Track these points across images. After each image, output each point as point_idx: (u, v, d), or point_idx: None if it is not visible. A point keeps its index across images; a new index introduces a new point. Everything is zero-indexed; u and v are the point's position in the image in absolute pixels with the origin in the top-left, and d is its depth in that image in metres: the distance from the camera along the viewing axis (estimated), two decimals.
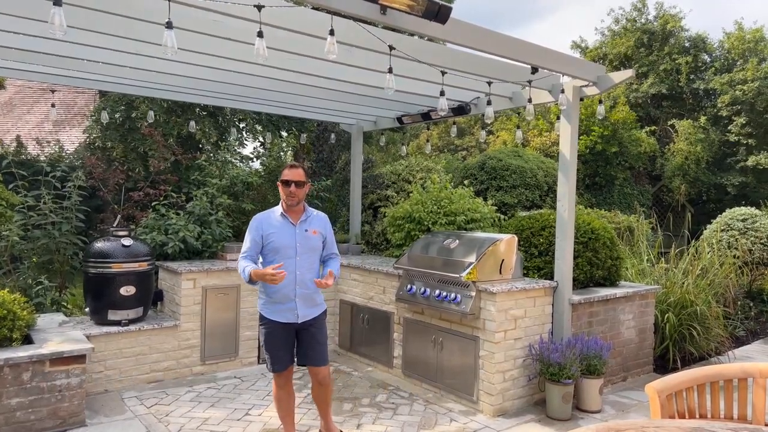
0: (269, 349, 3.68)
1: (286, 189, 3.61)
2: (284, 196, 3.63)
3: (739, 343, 7.04)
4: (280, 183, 3.63)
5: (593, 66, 4.93)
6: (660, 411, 2.55)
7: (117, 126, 9.17)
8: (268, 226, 3.62)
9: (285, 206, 3.67)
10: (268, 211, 3.73)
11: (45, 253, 6.03)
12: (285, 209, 3.67)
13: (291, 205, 3.65)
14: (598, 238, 5.48)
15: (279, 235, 3.60)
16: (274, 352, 3.67)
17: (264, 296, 3.67)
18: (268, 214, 3.70)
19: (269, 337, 3.66)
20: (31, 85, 15.66)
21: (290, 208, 3.66)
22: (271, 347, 3.67)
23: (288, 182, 3.59)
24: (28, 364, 3.98)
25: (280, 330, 3.65)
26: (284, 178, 3.62)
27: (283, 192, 3.63)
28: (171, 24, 3.02)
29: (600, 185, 17.61)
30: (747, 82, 18.31)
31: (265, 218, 3.66)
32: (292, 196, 3.61)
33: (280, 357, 3.69)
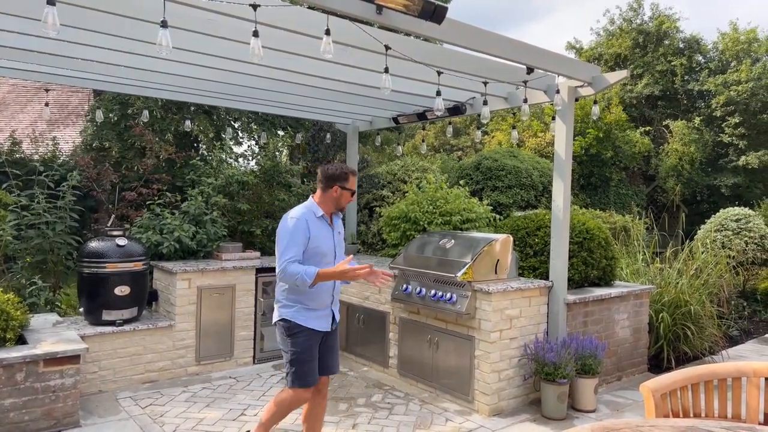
0: (306, 360, 3.31)
1: (348, 196, 3.43)
2: (342, 203, 3.42)
3: (733, 342, 7.08)
4: (346, 190, 3.39)
5: (588, 66, 4.95)
6: (654, 410, 2.56)
7: (113, 125, 9.13)
8: (313, 227, 3.31)
9: (330, 209, 3.42)
10: (306, 210, 3.33)
11: (39, 253, 5.99)
12: (328, 212, 3.42)
13: (339, 210, 3.49)
14: (593, 238, 5.49)
15: (323, 238, 3.35)
16: (310, 363, 3.33)
17: (296, 303, 3.33)
18: (308, 214, 3.32)
19: (307, 347, 3.31)
20: (24, 83, 15.57)
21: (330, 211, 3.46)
22: (309, 358, 3.33)
23: (353, 192, 3.46)
24: (21, 365, 3.95)
25: (316, 339, 3.37)
26: (352, 187, 3.43)
27: (344, 198, 3.41)
28: (166, 23, 3.01)
29: (595, 185, 17.67)
30: (741, 82, 18.41)
31: (309, 218, 3.30)
32: (348, 204, 3.49)
33: (314, 368, 3.37)
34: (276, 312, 3.44)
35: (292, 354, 3.33)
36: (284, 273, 3.20)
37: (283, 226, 3.31)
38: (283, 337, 3.38)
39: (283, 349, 3.39)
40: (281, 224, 3.34)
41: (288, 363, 3.35)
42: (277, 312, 3.43)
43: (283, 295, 3.39)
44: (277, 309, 3.43)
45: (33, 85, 15.47)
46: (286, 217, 3.35)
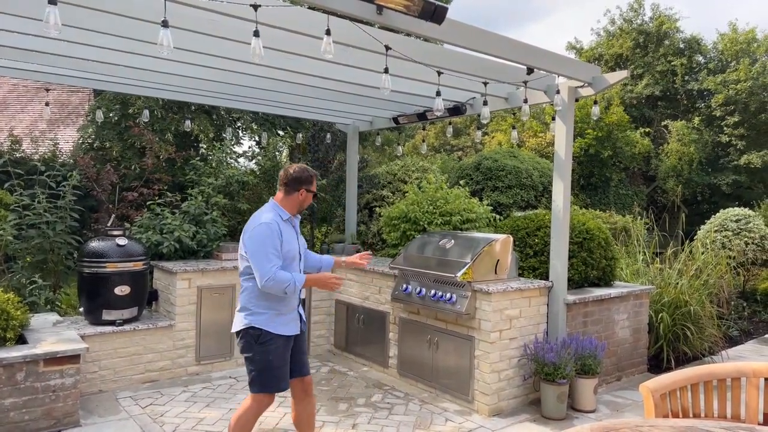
0: (278, 366, 3.26)
1: (310, 199, 3.41)
2: (305, 205, 3.40)
3: (733, 342, 7.08)
4: (309, 192, 3.38)
5: (588, 67, 4.95)
6: (654, 410, 2.57)
7: (113, 125, 9.13)
8: (284, 231, 3.25)
9: (294, 211, 3.38)
10: (274, 214, 3.27)
11: (39, 253, 6.00)
12: (291, 214, 3.37)
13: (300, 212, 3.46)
14: (593, 239, 5.50)
15: (292, 241, 3.32)
16: (282, 368, 3.30)
17: (269, 310, 3.26)
18: (276, 218, 3.26)
19: (278, 355, 3.26)
20: (25, 83, 15.58)
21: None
22: (281, 363, 3.28)
23: (315, 194, 3.44)
24: (21, 364, 3.96)
25: (286, 344, 3.33)
26: (315, 189, 3.41)
27: (307, 201, 3.39)
28: (167, 23, 3.01)
29: (595, 186, 17.67)
30: (740, 82, 18.41)
31: (278, 222, 3.25)
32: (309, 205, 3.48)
33: (286, 373, 3.34)
34: (241, 320, 3.30)
35: (263, 362, 3.24)
36: (273, 281, 3.12)
37: (259, 232, 3.18)
38: (251, 345, 3.25)
39: (250, 356, 3.26)
40: (255, 230, 3.20)
41: (256, 371, 3.25)
42: (243, 320, 3.28)
43: (252, 302, 3.27)
44: (243, 317, 3.29)
45: (33, 85, 15.47)
46: (258, 222, 3.22)
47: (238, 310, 3.35)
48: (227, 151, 7.74)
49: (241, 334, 3.31)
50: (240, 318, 3.32)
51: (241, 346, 3.32)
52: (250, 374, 3.29)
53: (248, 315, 3.27)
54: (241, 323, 3.29)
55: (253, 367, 3.26)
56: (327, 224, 8.64)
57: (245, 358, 3.31)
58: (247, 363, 3.30)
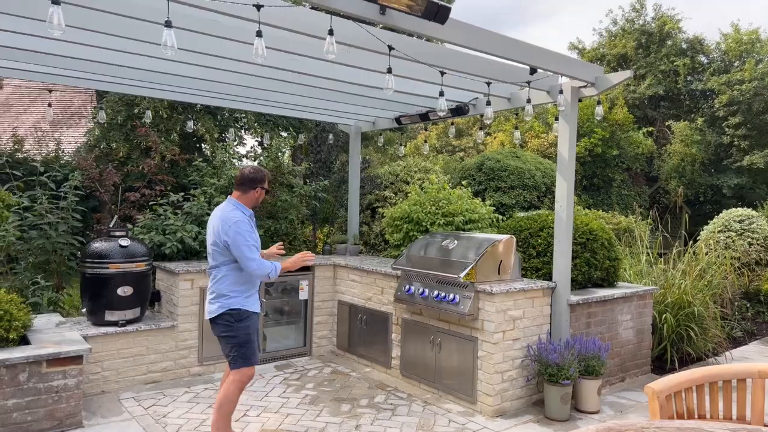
0: (253, 340, 3.71)
1: (264, 195, 3.87)
2: (258, 201, 3.85)
3: (737, 343, 7.05)
4: (265, 189, 3.83)
5: (591, 67, 4.93)
6: (659, 412, 2.55)
7: (119, 126, 9.14)
8: (252, 225, 3.76)
9: (253, 206, 3.83)
10: (239, 212, 3.70)
11: (42, 254, 6.00)
12: (251, 208, 3.81)
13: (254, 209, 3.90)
14: (596, 239, 5.48)
15: (257, 236, 3.78)
16: (255, 343, 3.74)
17: (243, 293, 3.70)
18: (243, 213, 3.71)
19: (254, 329, 3.73)
20: (28, 84, 15.61)
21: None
22: (254, 338, 3.73)
23: (268, 191, 3.93)
24: (24, 365, 3.96)
25: (256, 320, 3.78)
26: (268, 187, 3.90)
27: (261, 197, 3.84)
28: (170, 23, 3.01)
29: (598, 186, 17.65)
30: (744, 82, 18.36)
31: (248, 217, 3.72)
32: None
33: (257, 347, 3.78)
34: (217, 305, 3.66)
35: (242, 337, 3.65)
36: (261, 268, 3.60)
37: (237, 229, 3.58)
38: (231, 325, 3.64)
39: (229, 335, 3.64)
40: (233, 226, 3.58)
41: (237, 346, 3.64)
42: (219, 305, 3.65)
43: (230, 288, 3.66)
44: (221, 302, 3.65)
45: (36, 87, 15.51)
46: (233, 218, 3.61)
47: (213, 298, 3.69)
48: (230, 152, 7.74)
49: (219, 317, 3.67)
50: (216, 304, 3.67)
51: (221, 329, 3.67)
52: (231, 353, 3.66)
53: (226, 299, 3.65)
54: (219, 308, 3.66)
55: (235, 343, 3.65)
56: (329, 225, 8.64)
57: (224, 339, 3.67)
58: (227, 342, 3.67)
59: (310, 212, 7.85)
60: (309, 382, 5.35)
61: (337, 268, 6.37)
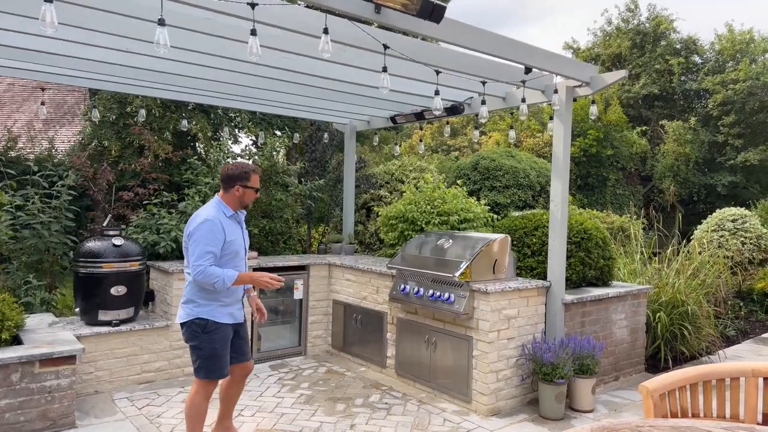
0: (221, 355, 3.48)
1: (252, 194, 3.58)
2: (246, 200, 3.57)
3: (730, 342, 7.09)
4: (249, 188, 3.54)
5: (586, 66, 4.94)
6: (653, 410, 2.56)
7: (111, 124, 9.09)
8: (227, 227, 3.45)
9: (236, 207, 3.57)
10: (215, 212, 3.45)
11: (34, 253, 5.96)
12: (234, 210, 3.56)
13: (245, 208, 3.65)
14: (591, 238, 5.49)
15: (236, 237, 3.52)
16: (225, 356, 3.52)
17: (213, 302, 3.46)
18: (220, 214, 3.46)
19: (222, 343, 3.48)
20: (21, 82, 15.51)
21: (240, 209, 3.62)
22: (223, 352, 3.50)
23: (257, 189, 3.61)
24: (17, 365, 3.93)
25: (229, 332, 3.55)
26: (255, 185, 3.58)
27: (247, 196, 3.55)
28: (163, 21, 2.99)
29: (592, 186, 17.70)
30: (739, 82, 18.44)
31: (222, 218, 3.44)
32: (253, 201, 3.67)
33: (228, 360, 3.56)
34: (185, 311, 3.48)
35: (206, 350, 3.45)
36: (204, 275, 3.31)
37: (198, 228, 3.37)
38: (198, 335, 3.45)
39: (196, 345, 3.47)
40: (196, 225, 3.38)
41: (202, 359, 3.46)
42: (187, 311, 3.47)
43: (196, 294, 3.45)
44: (189, 308, 3.46)
45: (29, 85, 15.41)
46: (199, 217, 3.41)
47: (183, 302, 3.51)
48: (224, 151, 7.71)
49: (186, 324, 3.49)
50: (186, 309, 3.49)
51: (187, 336, 3.51)
52: (195, 362, 3.49)
53: (195, 307, 3.46)
54: (187, 315, 3.47)
55: (199, 354, 3.47)
56: (324, 224, 8.62)
57: (191, 347, 3.51)
58: (193, 351, 3.50)
59: (305, 211, 7.83)
60: (304, 382, 5.35)
61: (332, 268, 6.36)
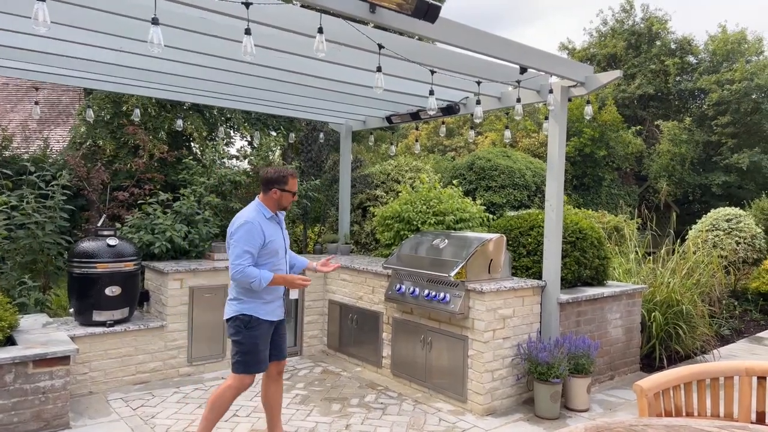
0: (262, 349, 3.62)
1: (289, 197, 3.69)
2: (284, 203, 3.69)
3: (724, 341, 7.12)
4: (286, 192, 3.65)
5: (581, 66, 4.95)
6: (647, 409, 2.56)
7: (105, 123, 9.05)
8: (266, 228, 3.58)
9: (274, 209, 3.69)
10: (255, 213, 3.59)
11: (28, 253, 5.93)
12: (273, 212, 3.69)
13: (284, 210, 3.77)
14: (586, 238, 5.50)
15: (275, 237, 3.65)
16: (264, 351, 3.66)
17: (256, 299, 3.59)
18: (259, 216, 3.59)
19: (263, 338, 3.63)
20: (15, 82, 15.43)
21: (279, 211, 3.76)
22: (264, 347, 3.64)
23: (294, 193, 3.72)
24: (10, 366, 3.91)
25: (269, 329, 3.69)
26: (292, 189, 3.69)
27: (284, 199, 3.67)
28: (157, 20, 2.98)
29: (588, 186, 17.75)
30: (735, 82, 18.51)
31: (260, 220, 3.57)
32: (291, 204, 3.79)
33: (267, 356, 3.70)
34: (231, 307, 3.63)
35: (249, 345, 3.59)
36: (241, 275, 3.46)
37: (238, 229, 3.51)
38: (240, 330, 3.59)
39: (238, 340, 3.59)
40: (237, 227, 3.52)
41: (242, 353, 3.59)
42: (232, 308, 3.62)
43: (241, 292, 3.60)
44: (235, 305, 3.61)
45: (24, 84, 15.34)
46: (240, 219, 3.55)
47: (229, 299, 3.66)
48: (220, 150, 7.69)
49: (231, 320, 3.63)
50: (231, 306, 3.64)
51: (231, 331, 3.64)
52: (235, 356, 3.61)
53: (239, 303, 3.60)
54: (232, 311, 3.62)
55: (240, 349, 3.60)
56: (320, 224, 8.61)
57: (233, 342, 3.63)
58: (234, 346, 3.62)
59: (300, 211, 7.82)
60: (299, 382, 5.34)
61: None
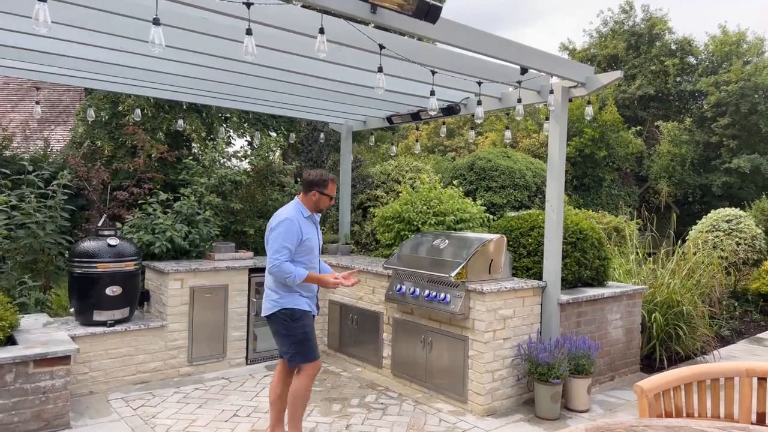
0: (311, 338, 3.77)
1: (327, 201, 3.85)
2: (321, 205, 3.85)
3: (725, 342, 7.11)
4: (324, 195, 3.80)
5: (582, 67, 4.95)
6: (648, 410, 2.56)
7: (104, 124, 9.06)
8: (304, 226, 3.74)
9: (312, 210, 3.84)
10: (294, 211, 3.74)
11: (29, 253, 5.94)
12: (311, 211, 3.84)
13: (319, 212, 3.92)
14: (586, 239, 5.50)
15: (311, 235, 3.80)
16: (314, 339, 3.81)
17: (293, 292, 3.73)
18: (298, 215, 3.74)
19: (311, 327, 3.80)
20: (16, 81, 15.44)
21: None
22: (313, 335, 3.80)
23: (332, 197, 3.87)
24: (11, 366, 3.91)
25: (312, 320, 3.86)
26: (331, 193, 3.84)
27: (322, 202, 3.83)
28: (158, 20, 2.98)
29: (588, 186, 17.75)
30: (731, 83, 18.50)
31: (298, 219, 3.72)
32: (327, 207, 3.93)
33: (316, 343, 3.85)
34: (271, 303, 3.72)
35: (299, 335, 3.71)
36: (278, 269, 3.60)
37: (279, 225, 3.66)
38: (288, 324, 3.70)
39: (287, 334, 3.70)
40: (277, 223, 3.67)
41: (296, 344, 3.70)
42: (273, 303, 3.71)
43: (279, 287, 3.72)
44: (274, 300, 3.71)
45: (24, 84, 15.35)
46: (282, 215, 3.70)
47: (266, 295, 3.78)
48: (219, 150, 7.69)
49: (272, 316, 3.74)
50: (270, 303, 3.74)
51: (276, 327, 3.75)
52: (289, 352, 3.72)
53: (279, 299, 3.71)
54: (273, 307, 3.72)
55: (292, 341, 3.71)
56: (321, 224, 8.62)
57: (281, 337, 3.74)
58: (284, 341, 3.73)
59: None
60: None
61: None
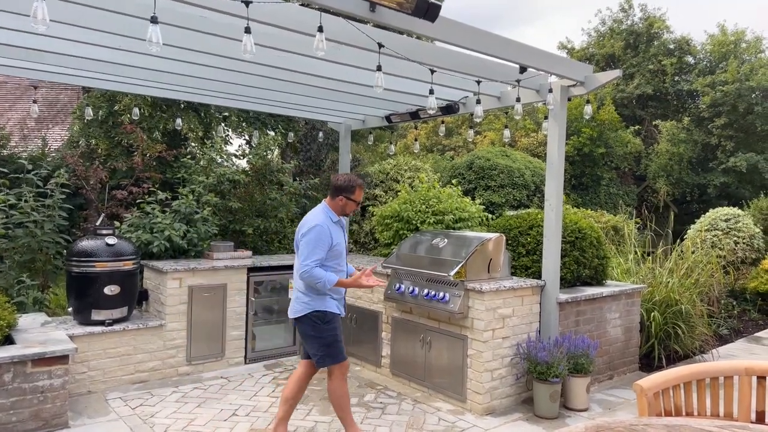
0: (340, 339, 3.83)
1: (353, 206, 3.89)
2: (347, 210, 3.88)
3: (723, 341, 7.13)
4: (351, 201, 3.84)
5: (581, 66, 4.95)
6: (647, 409, 2.56)
7: (100, 122, 9.03)
8: (333, 231, 3.78)
9: (340, 214, 3.89)
10: (324, 217, 3.78)
11: (27, 252, 5.92)
12: (339, 216, 3.89)
13: (345, 216, 3.96)
14: (585, 238, 5.51)
15: (340, 240, 3.85)
16: (342, 340, 3.87)
17: (323, 295, 3.78)
18: (327, 221, 3.77)
19: (339, 329, 3.86)
20: (13, 80, 15.40)
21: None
22: (341, 337, 3.85)
23: (358, 203, 3.92)
24: (9, 365, 3.90)
25: (340, 322, 3.93)
26: (358, 199, 3.89)
27: (348, 207, 3.87)
28: (156, 18, 2.97)
29: (586, 185, 17.76)
30: (728, 83, 18.51)
31: (328, 224, 3.76)
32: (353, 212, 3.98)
33: (343, 344, 3.90)
34: (301, 306, 3.77)
35: (329, 337, 3.77)
36: (309, 275, 3.64)
37: (310, 231, 3.70)
38: (318, 326, 3.76)
39: (317, 336, 3.75)
40: (308, 229, 3.70)
41: (325, 346, 3.76)
42: (304, 305, 3.76)
43: (309, 290, 3.76)
44: (305, 303, 3.76)
45: (22, 83, 15.31)
46: (312, 221, 3.73)
47: (296, 298, 3.81)
48: (217, 149, 7.68)
49: (303, 319, 3.78)
50: (300, 305, 3.77)
51: (306, 329, 3.78)
52: (318, 354, 3.76)
53: (310, 301, 3.76)
54: (303, 309, 3.76)
55: (321, 343, 3.76)
56: None
57: (310, 339, 3.77)
58: (314, 342, 3.77)
59: (299, 210, 7.82)
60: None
61: None
